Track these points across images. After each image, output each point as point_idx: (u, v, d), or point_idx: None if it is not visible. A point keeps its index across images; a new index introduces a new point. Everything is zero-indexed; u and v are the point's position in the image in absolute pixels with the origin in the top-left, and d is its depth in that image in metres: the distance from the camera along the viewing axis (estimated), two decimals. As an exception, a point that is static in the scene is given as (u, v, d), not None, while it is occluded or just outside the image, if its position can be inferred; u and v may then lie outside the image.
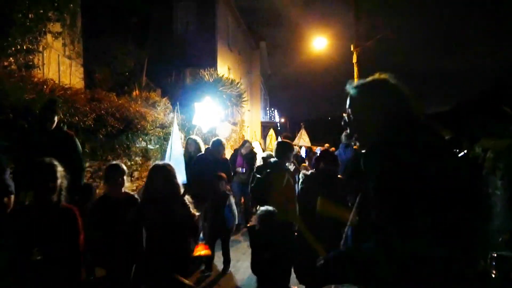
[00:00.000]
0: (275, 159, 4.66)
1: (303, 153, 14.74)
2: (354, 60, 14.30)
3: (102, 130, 6.54)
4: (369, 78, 1.67)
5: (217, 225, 5.43)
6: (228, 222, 5.43)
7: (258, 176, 4.63)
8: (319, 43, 17.48)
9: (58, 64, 7.72)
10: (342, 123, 1.78)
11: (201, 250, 5.17)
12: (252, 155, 8.96)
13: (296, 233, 3.95)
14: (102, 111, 6.54)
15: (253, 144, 10.30)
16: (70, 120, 5.62)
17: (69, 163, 3.14)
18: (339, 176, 4.30)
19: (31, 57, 6.16)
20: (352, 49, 14.38)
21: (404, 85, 1.62)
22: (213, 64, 17.01)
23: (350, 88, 1.70)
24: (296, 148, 11.42)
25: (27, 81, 5.45)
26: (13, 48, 5.65)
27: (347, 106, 1.72)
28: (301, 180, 3.97)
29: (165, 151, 7.30)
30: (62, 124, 4.86)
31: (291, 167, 5.30)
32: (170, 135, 6.89)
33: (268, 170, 4.47)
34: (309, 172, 3.96)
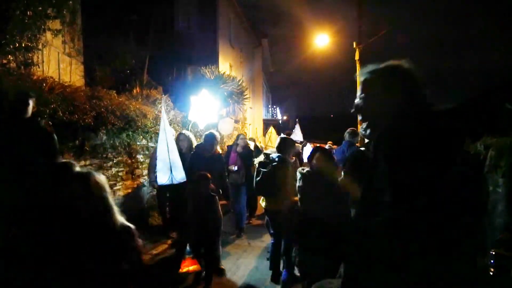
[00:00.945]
0: (278, 154, 4.91)
1: (309, 150, 14.61)
2: (357, 57, 14.25)
3: (102, 128, 6.52)
4: (384, 64, 1.67)
5: (202, 233, 4.80)
6: (214, 229, 4.91)
7: (264, 170, 4.86)
8: (322, 40, 17.41)
9: (58, 62, 7.70)
10: (353, 109, 1.77)
11: (188, 266, 4.68)
12: (247, 152, 8.20)
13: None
14: (103, 109, 6.52)
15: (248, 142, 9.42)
16: (69, 118, 5.60)
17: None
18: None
19: (30, 54, 6.12)
20: (354, 46, 14.32)
21: (417, 71, 1.62)
22: (215, 62, 16.97)
23: (364, 73, 1.70)
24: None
25: (26, 79, 5.43)
26: (11, 46, 5.62)
27: (359, 92, 1.72)
28: (298, 177, 3.92)
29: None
30: (39, 119, 4.65)
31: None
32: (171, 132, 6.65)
33: (274, 164, 4.77)
34: (304, 170, 3.90)
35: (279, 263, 5.17)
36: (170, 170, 5.95)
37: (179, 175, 5.98)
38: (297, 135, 15.09)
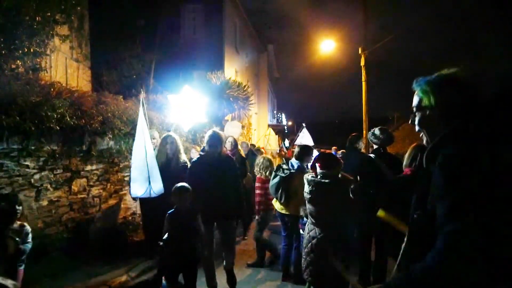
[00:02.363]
0: (297, 161, 5.14)
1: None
2: (362, 63, 14.23)
3: (109, 132, 6.53)
4: (437, 73, 1.67)
5: (179, 258, 4.08)
6: (195, 251, 4.20)
7: (282, 175, 5.09)
8: (327, 46, 17.41)
9: (66, 67, 7.76)
10: (410, 120, 1.78)
11: None
12: (239, 159, 6.98)
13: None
14: (109, 114, 6.53)
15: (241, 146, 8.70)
16: (77, 123, 5.63)
17: None
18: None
19: (38, 59, 6.16)
20: (360, 52, 14.31)
21: (472, 78, 1.63)
22: (220, 67, 17.02)
23: (419, 84, 1.69)
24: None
25: (34, 83, 5.46)
26: (20, 51, 5.66)
27: (415, 102, 1.71)
28: (306, 184, 3.89)
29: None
30: None
31: None
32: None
33: (292, 171, 5.05)
34: (309, 176, 3.87)
35: (289, 264, 5.29)
36: (148, 181, 5.09)
37: (157, 187, 5.15)
38: (306, 140, 14.60)
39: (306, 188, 3.82)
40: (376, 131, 4.78)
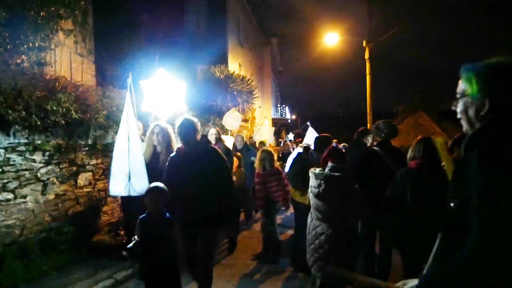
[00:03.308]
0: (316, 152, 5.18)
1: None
2: (367, 56, 14.19)
3: (113, 126, 6.57)
4: (486, 62, 1.60)
5: (152, 271, 3.48)
6: (171, 257, 3.51)
7: (301, 164, 5.13)
8: (331, 39, 17.29)
9: (70, 62, 7.77)
10: (452, 106, 1.72)
11: None
12: (225, 151, 6.09)
13: None
14: (114, 108, 6.56)
15: (226, 139, 8.32)
16: (82, 117, 5.66)
17: None
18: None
19: (43, 54, 6.20)
20: (364, 45, 14.24)
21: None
22: (224, 61, 17.01)
23: (465, 71, 1.64)
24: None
25: (39, 78, 5.49)
26: (25, 46, 5.69)
27: (459, 89, 1.66)
28: (315, 177, 3.87)
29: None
30: None
31: None
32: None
33: (309, 162, 4.99)
34: (317, 170, 3.87)
35: (299, 252, 5.24)
36: (128, 177, 4.44)
37: (140, 185, 4.42)
38: (311, 139, 14.12)
39: (314, 183, 3.80)
40: (380, 124, 4.77)
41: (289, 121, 38.19)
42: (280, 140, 23.81)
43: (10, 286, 4.30)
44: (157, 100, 5.42)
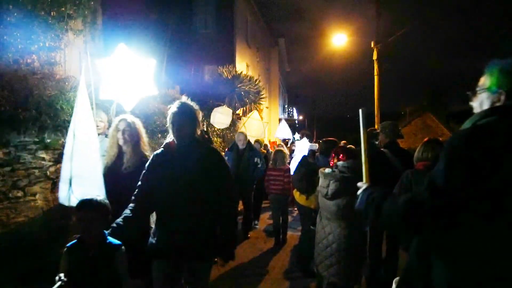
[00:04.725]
0: (323, 156, 5.37)
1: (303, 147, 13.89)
2: (375, 57, 14.11)
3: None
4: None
5: None
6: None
7: (306, 168, 5.25)
8: (339, 39, 17.23)
9: (80, 61, 7.85)
10: (468, 99, 1.73)
11: None
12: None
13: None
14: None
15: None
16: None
17: None
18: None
19: (53, 54, 6.26)
20: (372, 45, 14.18)
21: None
22: (232, 61, 17.06)
23: (490, 65, 1.64)
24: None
25: (50, 78, 5.56)
26: (36, 46, 5.75)
27: (480, 83, 1.66)
28: (326, 177, 3.85)
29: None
30: None
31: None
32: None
33: (317, 166, 5.08)
34: (327, 170, 3.87)
35: (305, 254, 5.34)
36: (69, 183, 3.40)
37: (86, 194, 3.00)
38: (284, 132, 13.42)
39: (324, 183, 3.78)
40: (385, 125, 4.78)
41: (296, 121, 38.14)
42: (286, 140, 23.77)
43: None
44: (119, 85, 4.14)
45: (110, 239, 2.52)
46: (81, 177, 3.39)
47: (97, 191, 3.17)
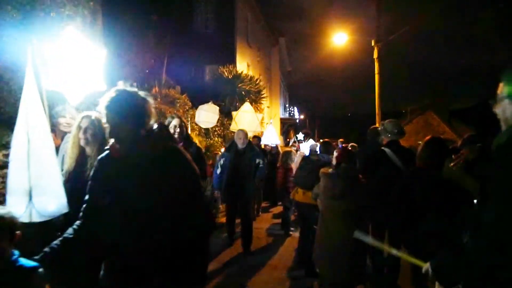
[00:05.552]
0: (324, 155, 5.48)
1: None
2: (375, 55, 14.08)
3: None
4: None
5: None
6: None
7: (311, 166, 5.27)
8: (340, 38, 17.14)
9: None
10: (492, 107, 1.71)
11: None
12: (197, 152, 4.66)
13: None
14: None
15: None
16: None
17: None
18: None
19: (53, 55, 6.26)
20: (373, 44, 14.15)
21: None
22: (232, 61, 17.04)
23: (508, 72, 1.64)
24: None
25: (49, 78, 5.55)
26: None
27: (499, 90, 1.64)
28: (322, 180, 3.88)
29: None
30: None
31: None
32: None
33: (319, 164, 5.08)
34: (330, 171, 3.88)
35: (305, 253, 5.30)
36: (29, 195, 2.76)
37: (48, 206, 2.82)
38: (270, 139, 11.53)
39: (330, 184, 3.80)
40: (387, 124, 4.74)
41: (297, 121, 38.14)
42: (288, 140, 23.78)
43: None
44: (65, 75, 3.52)
45: (23, 261, 1.97)
46: (40, 186, 2.80)
47: (58, 201, 2.80)
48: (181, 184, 2.08)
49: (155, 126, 2.20)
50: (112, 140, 2.15)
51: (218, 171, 6.17)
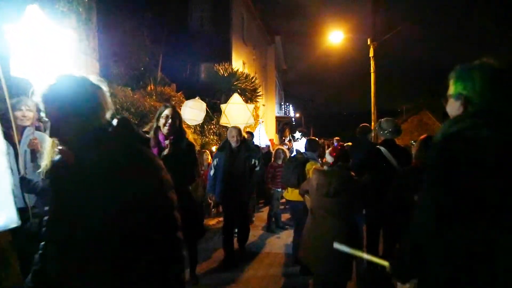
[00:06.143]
0: (311, 152, 5.45)
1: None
2: (371, 54, 14.09)
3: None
4: (470, 63, 1.63)
5: None
6: None
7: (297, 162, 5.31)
8: (336, 37, 17.12)
9: (74, 59, 7.79)
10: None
11: None
12: (188, 149, 4.19)
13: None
14: (118, 106, 6.58)
15: None
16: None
17: None
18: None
19: (47, 52, 6.21)
20: (368, 43, 14.16)
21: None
22: (228, 59, 17.00)
23: (453, 71, 1.67)
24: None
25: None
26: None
27: (449, 89, 1.69)
28: (314, 177, 3.87)
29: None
30: None
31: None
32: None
33: (305, 162, 5.20)
34: (325, 168, 3.87)
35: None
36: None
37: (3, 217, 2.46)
38: (264, 138, 10.87)
39: (324, 181, 3.78)
40: (383, 123, 4.73)
41: (293, 119, 38.14)
42: (283, 138, 23.80)
43: None
44: (31, 60, 3.16)
45: None
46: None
47: (6, 216, 2.36)
48: (141, 203, 1.51)
49: (115, 121, 1.64)
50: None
51: (212, 172, 5.54)
